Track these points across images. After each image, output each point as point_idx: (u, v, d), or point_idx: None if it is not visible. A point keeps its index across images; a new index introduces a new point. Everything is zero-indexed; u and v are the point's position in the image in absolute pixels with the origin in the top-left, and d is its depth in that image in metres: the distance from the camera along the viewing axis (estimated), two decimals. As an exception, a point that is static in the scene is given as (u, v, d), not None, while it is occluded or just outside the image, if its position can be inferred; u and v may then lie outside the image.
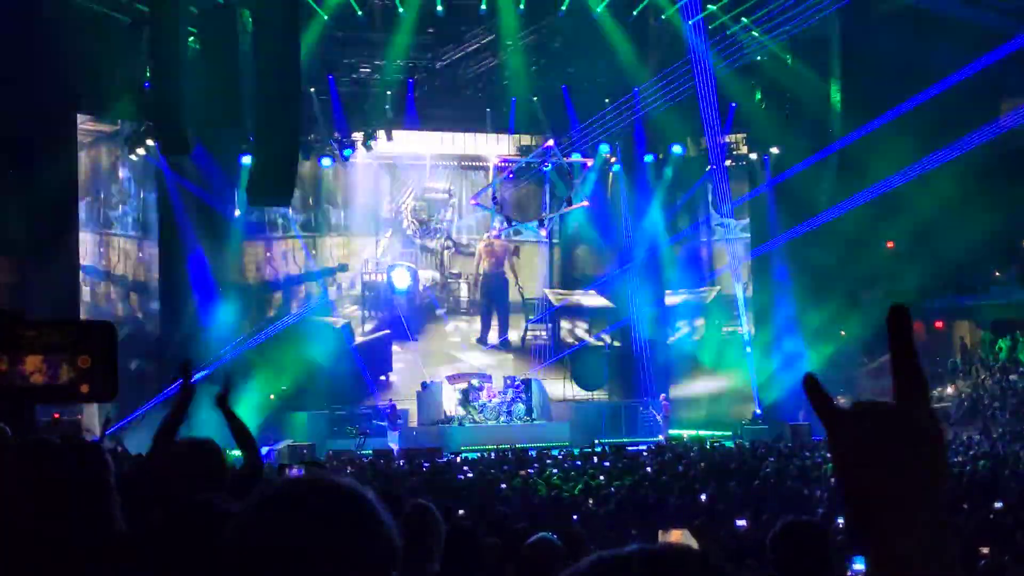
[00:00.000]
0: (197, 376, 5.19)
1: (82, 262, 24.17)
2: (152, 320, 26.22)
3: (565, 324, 31.05)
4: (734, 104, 28.18)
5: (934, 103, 22.83)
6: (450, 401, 27.59)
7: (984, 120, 23.63)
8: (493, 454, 21.25)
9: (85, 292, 24.45)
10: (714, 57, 26.03)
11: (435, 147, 29.80)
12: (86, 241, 24.52)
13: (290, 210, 26.77)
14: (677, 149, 29.39)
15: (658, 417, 27.31)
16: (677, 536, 5.96)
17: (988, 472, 14.43)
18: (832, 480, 13.43)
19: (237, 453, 4.80)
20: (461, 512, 10.14)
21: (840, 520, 8.62)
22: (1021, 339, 27.89)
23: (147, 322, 26.18)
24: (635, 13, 26.73)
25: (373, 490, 1.76)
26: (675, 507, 12.43)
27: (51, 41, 20.92)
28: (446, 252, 30.59)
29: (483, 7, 26.33)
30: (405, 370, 29.34)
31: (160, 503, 3.21)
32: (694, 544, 5.69)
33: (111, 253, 25.70)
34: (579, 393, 30.12)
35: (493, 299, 30.78)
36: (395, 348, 29.48)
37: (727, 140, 28.47)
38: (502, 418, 26.95)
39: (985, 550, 8.67)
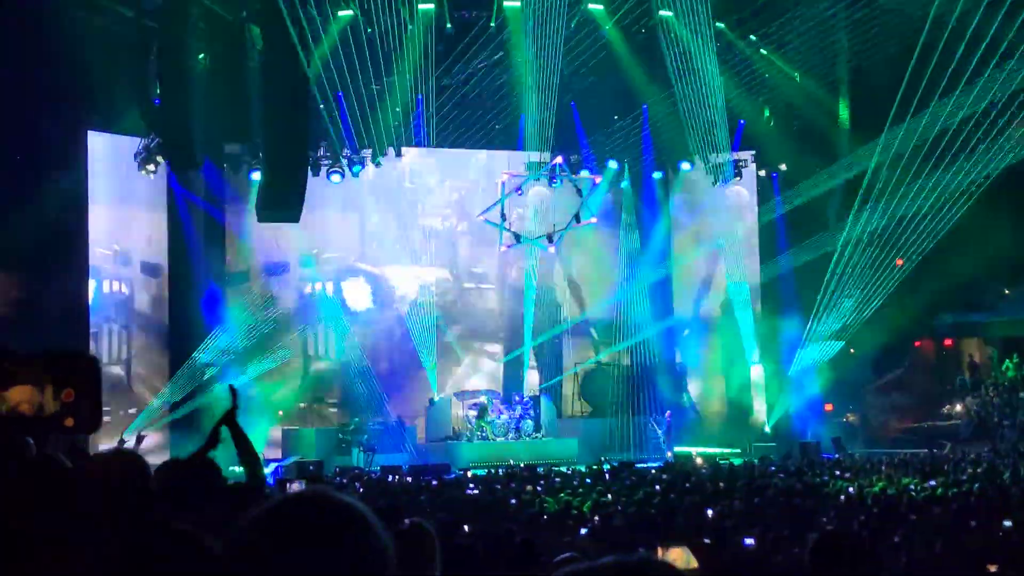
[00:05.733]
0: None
1: (91, 278, 24.22)
2: (161, 338, 26.26)
3: (574, 340, 30.98)
4: (743, 121, 28.21)
5: (941, 121, 22.83)
6: (458, 417, 27.55)
7: (993, 138, 23.58)
8: (501, 470, 21.18)
9: (94, 309, 24.50)
10: (723, 74, 26.07)
11: (444, 164, 29.83)
12: (95, 257, 24.57)
13: (300, 227, 26.71)
14: (685, 166, 29.40)
15: (659, 432, 27.26)
16: (677, 554, 5.93)
17: (996, 490, 14.36)
18: (840, 498, 13.38)
19: (239, 469, 4.81)
20: (467, 528, 10.11)
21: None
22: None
23: (155, 342, 26.22)
24: (644, 30, 26.79)
25: (377, 506, 1.77)
26: (682, 524, 12.38)
27: (61, 57, 21.01)
28: (455, 268, 30.58)
29: (492, 24, 26.40)
30: (413, 386, 29.27)
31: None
32: (694, 562, 5.67)
33: (119, 269, 25.76)
34: (587, 410, 30.08)
35: (502, 314, 30.75)
36: (404, 364, 29.43)
37: (735, 157, 28.47)
38: (510, 434, 26.87)
39: (993, 568, 8.64)
